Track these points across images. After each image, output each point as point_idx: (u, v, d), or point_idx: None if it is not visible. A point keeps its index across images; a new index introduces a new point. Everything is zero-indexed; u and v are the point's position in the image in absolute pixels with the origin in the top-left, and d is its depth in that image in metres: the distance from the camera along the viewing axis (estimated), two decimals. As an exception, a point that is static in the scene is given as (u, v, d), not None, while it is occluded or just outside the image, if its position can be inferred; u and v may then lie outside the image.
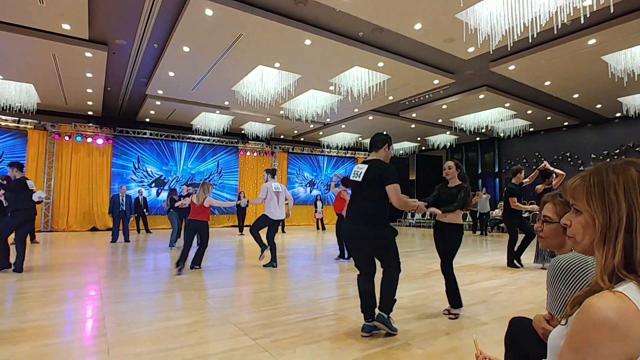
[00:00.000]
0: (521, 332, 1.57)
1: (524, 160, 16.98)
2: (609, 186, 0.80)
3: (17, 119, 12.34)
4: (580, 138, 15.09)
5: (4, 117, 12.15)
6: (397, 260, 3.13)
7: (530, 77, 9.82)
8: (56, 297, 4.06)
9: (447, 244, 3.63)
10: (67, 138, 13.23)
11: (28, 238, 9.35)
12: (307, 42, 7.73)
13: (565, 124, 15.09)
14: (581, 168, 14.48)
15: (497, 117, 13.26)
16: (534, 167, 15.89)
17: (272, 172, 6.54)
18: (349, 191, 3.52)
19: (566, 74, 9.49)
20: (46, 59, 8.59)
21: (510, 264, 6.30)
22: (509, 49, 7.62)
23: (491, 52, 7.64)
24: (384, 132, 3.32)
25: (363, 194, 3.04)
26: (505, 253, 6.50)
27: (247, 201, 7.48)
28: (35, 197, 9.49)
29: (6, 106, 11.01)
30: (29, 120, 12.57)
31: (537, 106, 12.47)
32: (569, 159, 15.28)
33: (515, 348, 1.57)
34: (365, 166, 3.10)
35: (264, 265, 6.12)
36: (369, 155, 3.26)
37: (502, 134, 15.47)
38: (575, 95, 11.43)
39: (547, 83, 10.25)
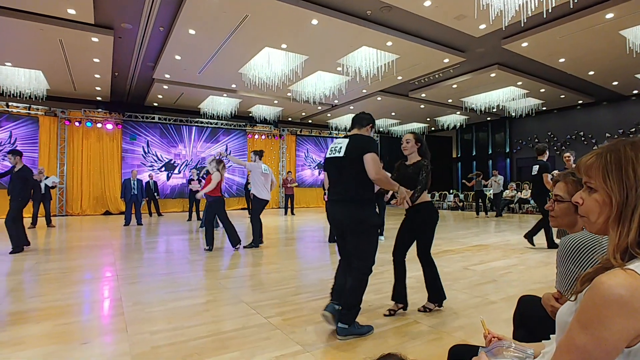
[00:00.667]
0: (530, 310, 1.58)
1: (536, 140, 16.69)
2: (627, 163, 0.78)
3: (27, 105, 12.47)
4: (595, 117, 14.74)
5: (15, 104, 12.30)
6: (371, 259, 2.67)
7: (544, 54, 9.54)
8: (74, 278, 4.20)
9: (423, 226, 3.17)
10: (77, 124, 13.37)
11: (44, 221, 9.65)
12: (314, 22, 7.59)
13: (580, 102, 14.73)
14: (594, 147, 14.15)
15: (508, 96, 12.99)
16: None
17: (259, 154, 6.73)
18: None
19: (582, 50, 9.19)
20: (53, 45, 8.60)
21: (551, 244, 6.04)
22: (522, 25, 7.40)
23: (503, 29, 7.42)
24: (368, 113, 3.00)
25: (346, 172, 2.61)
26: (517, 233, 6.46)
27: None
28: (49, 182, 9.74)
29: (16, 93, 11.12)
30: (40, 107, 12.70)
31: (551, 84, 12.17)
32: (583, 139, 14.98)
33: (524, 326, 1.59)
34: (346, 140, 2.69)
35: (245, 247, 6.24)
36: (349, 131, 2.89)
37: (513, 114, 15.17)
38: (591, 72, 11.10)
39: (562, 60, 9.96)
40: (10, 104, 12.22)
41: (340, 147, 2.68)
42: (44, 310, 3.11)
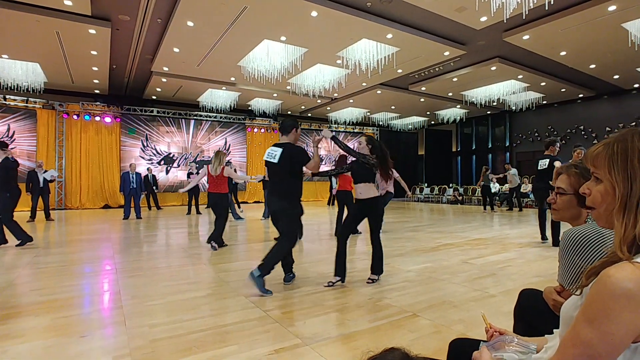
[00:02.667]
0: (531, 303, 1.57)
1: (536, 134, 16.66)
2: (632, 153, 0.77)
3: (25, 98, 12.40)
4: (595, 110, 14.70)
5: (12, 97, 12.22)
6: (293, 232, 3.53)
7: (545, 47, 9.48)
8: (74, 272, 4.19)
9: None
10: (75, 117, 13.31)
11: (43, 215, 9.64)
12: (314, 13, 7.52)
13: (580, 95, 14.68)
14: (595, 141, 14.17)
15: (509, 90, 12.94)
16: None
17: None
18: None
19: (583, 43, 9.14)
20: (50, 37, 8.52)
21: (544, 238, 6.04)
22: (523, 18, 7.34)
23: (505, 21, 7.36)
24: (292, 118, 3.80)
25: (278, 175, 3.54)
26: (516, 227, 6.45)
27: (264, 177, 7.40)
28: (47, 176, 9.71)
29: (14, 86, 11.05)
30: (37, 100, 12.63)
31: (552, 78, 12.11)
32: (583, 132, 14.95)
33: (525, 319, 1.57)
34: (280, 149, 3.53)
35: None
36: (280, 138, 3.70)
37: (514, 107, 15.13)
38: (592, 66, 11.05)
39: (563, 53, 9.90)
40: (7, 96, 12.14)
41: (275, 155, 3.53)
42: (43, 303, 3.11)
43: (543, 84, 12.72)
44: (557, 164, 5.82)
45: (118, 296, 3.30)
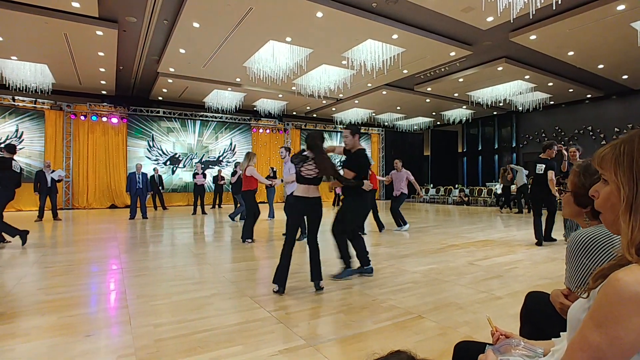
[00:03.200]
0: (537, 306, 1.55)
1: (543, 135, 16.51)
2: (638, 155, 0.75)
3: (33, 99, 12.54)
4: (604, 111, 14.53)
5: (21, 98, 12.35)
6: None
7: (552, 47, 9.39)
8: (80, 271, 4.22)
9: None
10: (82, 118, 13.43)
11: (50, 215, 9.73)
12: (319, 14, 7.52)
13: (588, 96, 14.52)
14: (603, 142, 14.01)
15: (516, 90, 12.84)
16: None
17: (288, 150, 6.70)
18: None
19: (591, 43, 9.03)
20: (58, 38, 8.61)
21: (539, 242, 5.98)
22: (530, 17, 7.28)
23: (512, 21, 7.29)
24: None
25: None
26: (523, 229, 6.39)
27: (281, 180, 7.34)
28: (55, 176, 9.80)
29: (22, 87, 11.17)
30: (45, 101, 12.76)
31: (559, 78, 12.00)
32: (591, 133, 14.79)
33: (531, 322, 1.56)
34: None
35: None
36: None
37: (520, 108, 14.99)
38: (600, 66, 10.93)
39: (571, 53, 9.80)
40: (16, 97, 12.28)
41: None
42: (49, 302, 3.13)
43: (550, 84, 12.60)
44: (550, 174, 5.76)
45: (124, 295, 3.32)
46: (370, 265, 4.05)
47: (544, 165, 5.94)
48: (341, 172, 3.77)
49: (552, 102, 15.25)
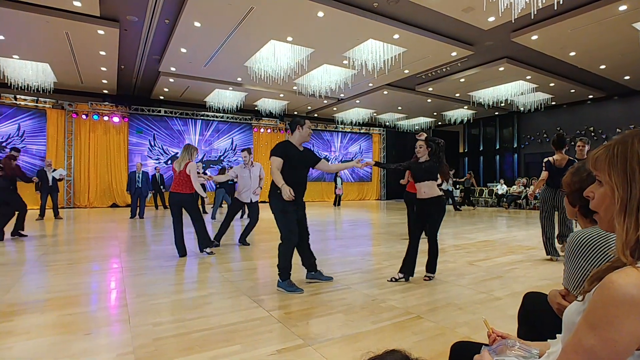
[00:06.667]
0: (535, 307, 1.54)
1: (545, 136, 16.48)
2: (632, 156, 0.75)
3: (35, 98, 12.57)
4: (605, 111, 14.49)
5: (22, 97, 12.39)
6: (282, 232, 3.52)
7: (554, 48, 9.38)
8: (80, 269, 4.23)
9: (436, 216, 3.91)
10: (84, 117, 13.46)
11: (52, 213, 9.76)
12: (320, 14, 7.52)
13: (590, 96, 14.49)
14: (605, 143, 13.97)
15: (517, 91, 12.82)
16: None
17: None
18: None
19: (593, 43, 9.02)
20: (60, 37, 8.63)
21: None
22: (532, 18, 7.26)
23: (513, 21, 7.29)
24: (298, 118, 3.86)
25: None
26: (523, 229, 6.37)
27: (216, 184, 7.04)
28: (56, 175, 9.83)
29: (24, 86, 11.20)
30: (47, 100, 12.79)
31: (561, 78, 11.98)
32: (593, 134, 14.75)
33: (529, 323, 1.55)
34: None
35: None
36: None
37: (522, 108, 14.97)
38: (602, 67, 10.90)
39: (572, 54, 9.78)
40: (18, 96, 12.31)
41: None
42: (49, 300, 3.14)
43: (552, 84, 12.58)
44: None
45: (123, 294, 3.32)
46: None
47: None
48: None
49: (553, 103, 15.23)
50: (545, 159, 5.16)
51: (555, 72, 11.57)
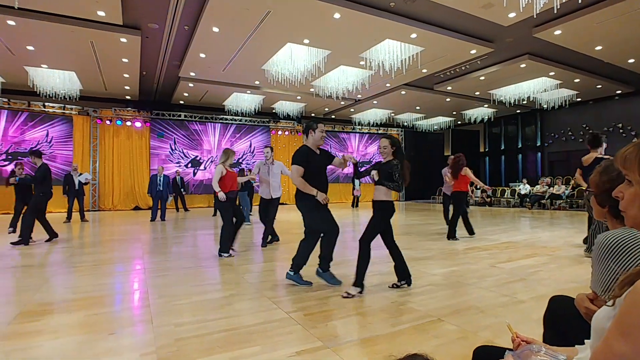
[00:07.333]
0: (562, 311, 1.49)
1: (570, 133, 15.97)
2: None
3: (62, 105, 13.06)
4: (635, 107, 13.91)
5: (50, 104, 12.89)
6: (307, 228, 3.72)
7: (578, 42, 9.07)
8: (105, 271, 4.36)
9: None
10: (108, 122, 13.88)
11: (78, 216, 10.10)
12: (337, 15, 7.52)
13: (618, 92, 13.95)
14: (634, 140, 13.40)
15: (540, 88, 12.47)
16: (581, 140, 14.92)
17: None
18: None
19: (620, 36, 8.68)
20: (85, 46, 8.94)
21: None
22: (555, 12, 7.05)
23: (535, 17, 7.10)
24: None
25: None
26: (548, 230, 6.18)
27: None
28: (82, 179, 10.17)
29: (52, 94, 11.65)
30: (73, 107, 13.27)
31: (586, 74, 11.57)
32: (621, 131, 14.18)
33: (555, 327, 1.50)
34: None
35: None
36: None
37: (545, 105, 14.54)
38: (631, 60, 10.48)
39: (598, 48, 9.44)
40: (46, 104, 12.82)
41: None
42: (76, 300, 3.24)
43: (577, 80, 12.17)
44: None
45: (146, 295, 3.40)
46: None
47: None
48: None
49: (579, 99, 14.73)
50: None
51: (581, 68, 11.19)
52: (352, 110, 16.56)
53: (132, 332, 2.58)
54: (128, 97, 14.19)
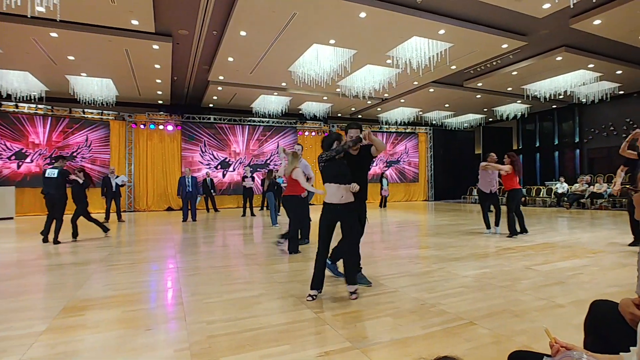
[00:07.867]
0: (604, 316, 1.41)
1: (612, 128, 15.10)
2: None
3: (100, 111, 13.74)
4: (684, 99, 12.97)
5: (89, 110, 13.59)
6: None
7: (620, 32, 8.57)
8: (141, 269, 4.55)
9: None
10: (142, 126, 14.46)
11: (115, 217, 10.56)
12: (362, 14, 7.48)
13: (665, 83, 13.05)
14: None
15: (578, 81, 11.87)
16: (624, 135, 14.09)
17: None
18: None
19: (667, 24, 8.11)
20: (120, 54, 9.35)
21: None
22: (593, 1, 6.69)
23: (572, 6, 6.75)
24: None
25: None
26: (588, 231, 5.87)
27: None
28: (119, 181, 10.65)
29: (91, 100, 12.28)
30: (110, 112, 13.92)
31: (630, 65, 10.92)
32: (669, 124, 13.27)
33: (597, 333, 1.42)
34: None
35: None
36: None
37: (584, 100, 13.83)
38: (679, 49, 9.78)
39: (643, 37, 8.88)
40: (85, 110, 13.52)
41: None
42: (114, 297, 3.40)
43: (619, 72, 11.49)
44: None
45: (179, 293, 3.52)
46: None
47: None
48: None
49: (621, 92, 13.91)
50: None
51: (623, 59, 10.56)
52: (379, 109, 16.42)
53: (167, 328, 2.67)
54: (160, 102, 14.73)
